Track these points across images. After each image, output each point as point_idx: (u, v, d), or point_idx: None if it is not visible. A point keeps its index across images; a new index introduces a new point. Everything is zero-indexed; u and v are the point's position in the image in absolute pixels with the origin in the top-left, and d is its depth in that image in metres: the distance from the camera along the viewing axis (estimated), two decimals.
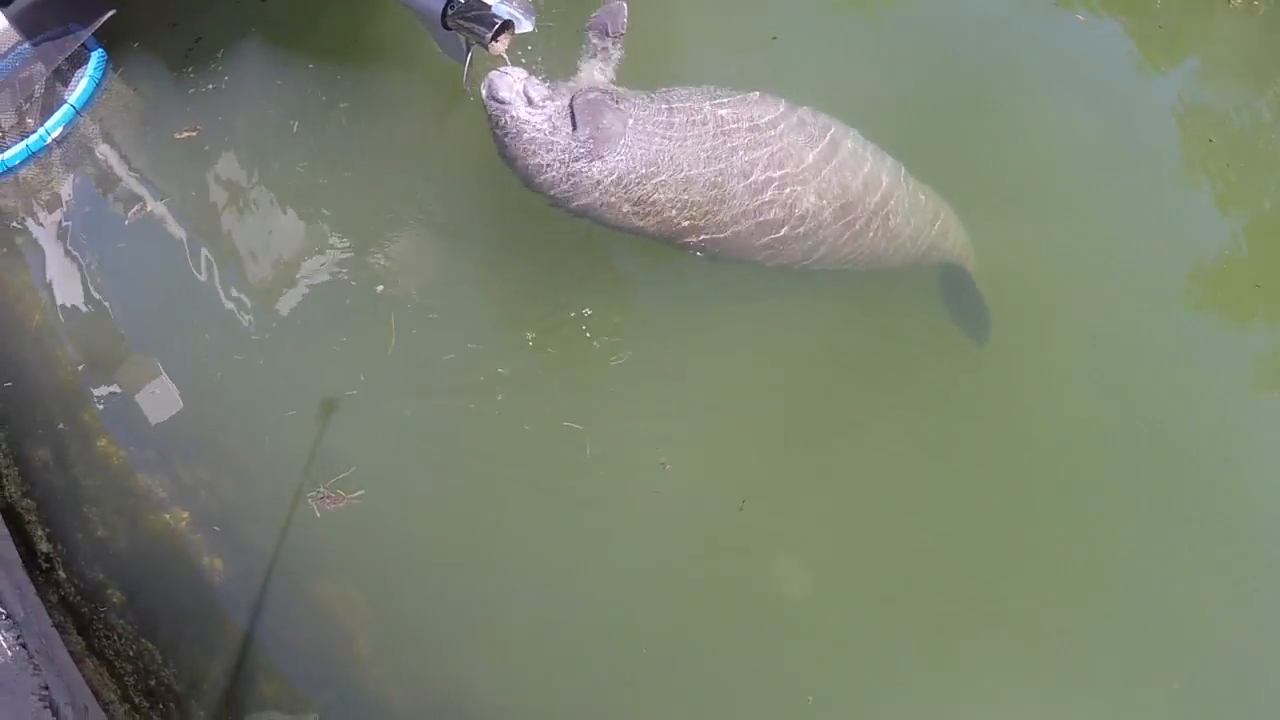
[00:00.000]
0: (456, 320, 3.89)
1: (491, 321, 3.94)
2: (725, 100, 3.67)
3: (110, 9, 4.67)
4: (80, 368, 4.10)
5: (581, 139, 3.53)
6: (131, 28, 4.81)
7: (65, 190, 4.52)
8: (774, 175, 3.54)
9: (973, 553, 3.55)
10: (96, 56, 4.76)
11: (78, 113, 4.60)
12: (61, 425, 4.00)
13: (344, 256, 4.05)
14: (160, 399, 3.95)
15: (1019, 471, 3.66)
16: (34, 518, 3.77)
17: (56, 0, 5.10)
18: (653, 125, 3.58)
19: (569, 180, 3.55)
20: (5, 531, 3.56)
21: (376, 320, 3.87)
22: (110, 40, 4.78)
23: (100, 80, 4.71)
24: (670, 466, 3.56)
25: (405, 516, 3.62)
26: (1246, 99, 4.42)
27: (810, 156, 3.61)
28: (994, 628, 3.44)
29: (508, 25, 3.75)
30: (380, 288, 3.93)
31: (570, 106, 3.62)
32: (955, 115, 4.33)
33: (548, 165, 3.55)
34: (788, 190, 3.55)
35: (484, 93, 3.65)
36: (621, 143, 3.53)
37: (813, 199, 3.58)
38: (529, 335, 3.86)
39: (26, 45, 4.94)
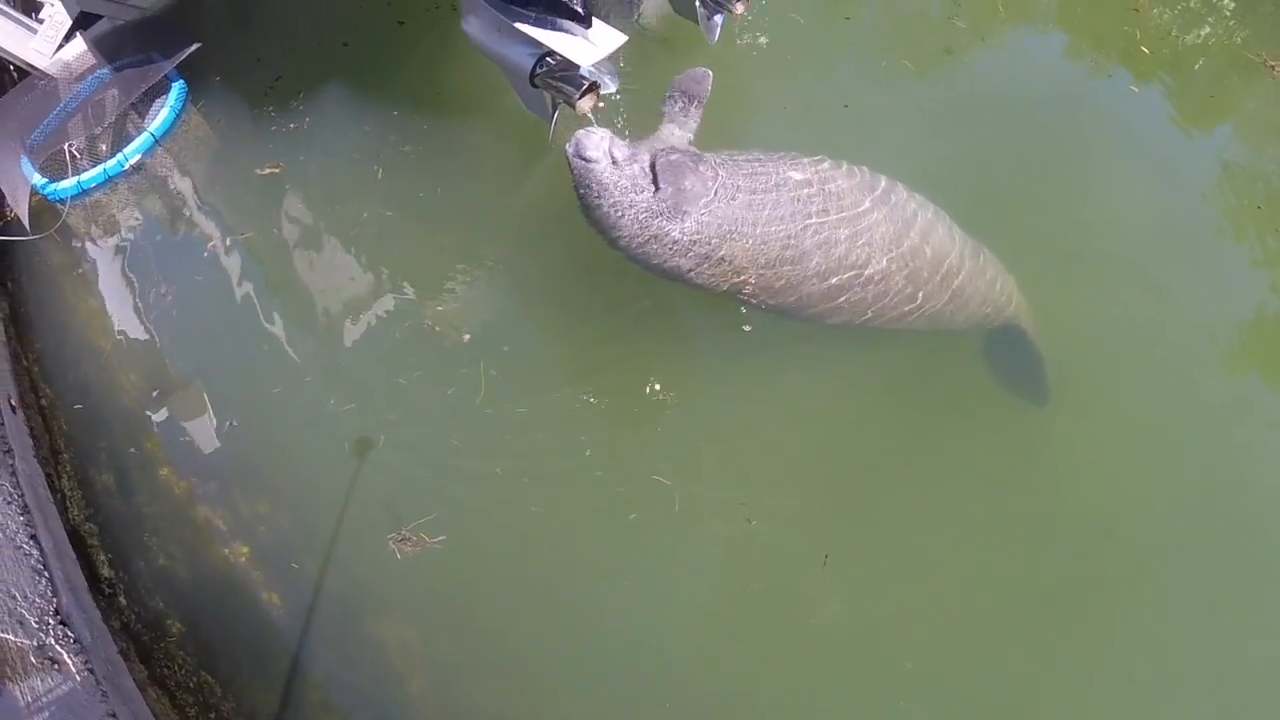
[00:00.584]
0: (536, 371, 4.00)
1: (569, 376, 4.03)
2: (800, 165, 3.83)
3: (194, 42, 4.82)
4: (146, 394, 4.17)
5: (664, 198, 3.66)
6: (212, 61, 4.96)
7: (138, 217, 4.64)
8: (847, 240, 3.69)
9: (1031, 613, 3.63)
10: (177, 87, 4.91)
11: (157, 141, 4.74)
12: (124, 450, 4.08)
13: (422, 302, 4.16)
14: (222, 431, 4.03)
15: (1081, 532, 3.74)
16: (96, 542, 3.84)
17: (138, 27, 5.28)
18: (731, 187, 3.73)
19: (650, 238, 3.68)
20: (72, 555, 3.63)
21: (450, 364, 3.97)
22: (190, 72, 4.93)
23: (180, 111, 4.86)
24: (754, 523, 3.63)
25: (472, 561, 3.68)
26: None
27: (882, 222, 3.77)
28: (1053, 689, 3.50)
29: (594, 86, 3.91)
30: (467, 336, 4.03)
31: (653, 166, 3.77)
32: (1014, 181, 4.54)
33: (630, 223, 3.68)
34: (859, 254, 3.70)
35: (569, 150, 3.78)
36: (702, 203, 3.66)
37: (883, 264, 3.73)
38: (605, 390, 3.95)
39: (105, 70, 5.10)
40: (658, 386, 3.93)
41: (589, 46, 3.74)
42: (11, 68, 5.33)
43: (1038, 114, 4.78)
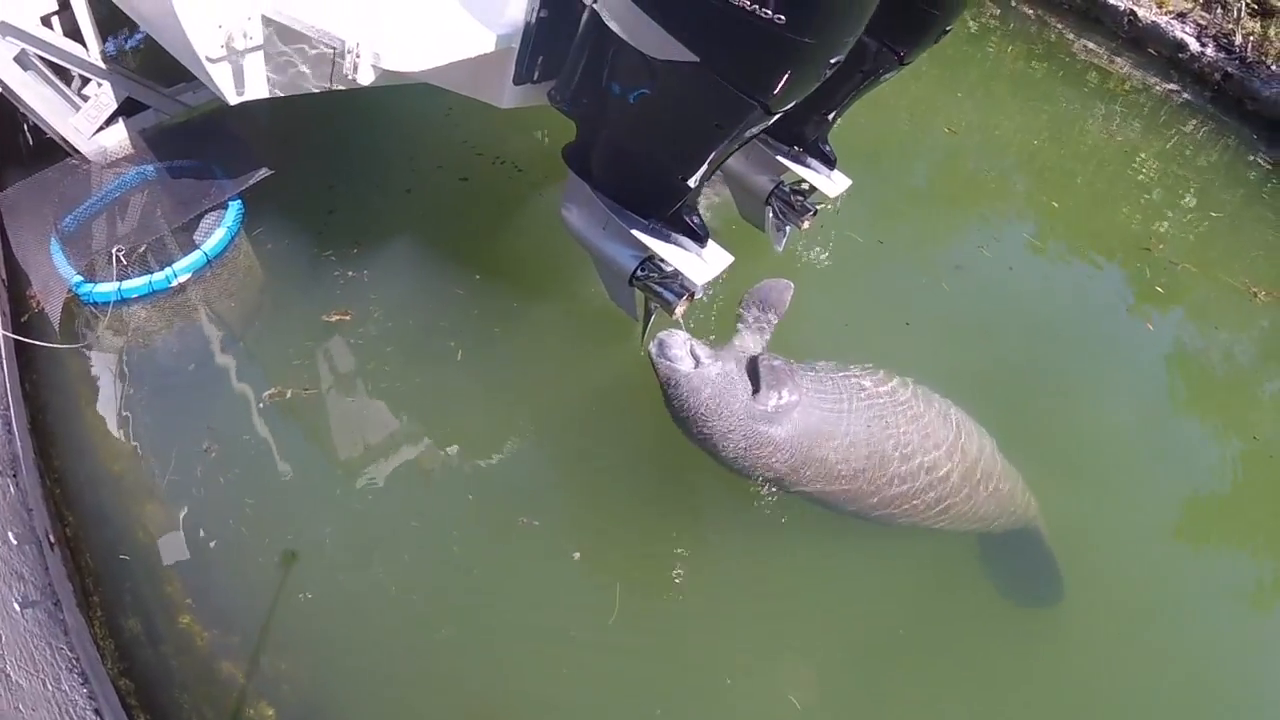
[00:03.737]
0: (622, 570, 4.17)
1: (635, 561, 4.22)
2: (869, 375, 4.31)
3: (264, 167, 4.94)
4: (165, 532, 4.13)
5: (765, 402, 4.03)
6: (270, 185, 5.06)
7: (179, 342, 4.64)
8: (917, 444, 4.14)
9: None
10: (234, 207, 4.98)
11: (209, 262, 4.78)
12: (147, 594, 4.02)
13: (513, 499, 4.26)
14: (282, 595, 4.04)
15: None
16: (135, 701, 3.76)
17: (191, 130, 5.36)
18: (818, 394, 4.16)
19: (745, 439, 4.00)
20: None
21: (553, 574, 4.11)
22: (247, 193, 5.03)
23: (236, 233, 4.92)
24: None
25: None
26: None
27: (940, 428, 4.25)
28: None
29: (691, 293, 4.23)
30: (577, 555, 4.12)
31: (752, 370, 4.16)
32: (1032, 394, 5.09)
33: (726, 424, 3.99)
34: (929, 458, 4.14)
35: (654, 352, 4.10)
36: (797, 411, 4.05)
37: (946, 465, 4.17)
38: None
39: (150, 166, 5.14)
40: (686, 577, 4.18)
41: (703, 264, 4.07)
42: (25, 126, 5.30)
43: (1058, 339, 5.46)
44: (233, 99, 4.20)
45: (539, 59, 4.10)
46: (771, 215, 5.02)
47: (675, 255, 4.07)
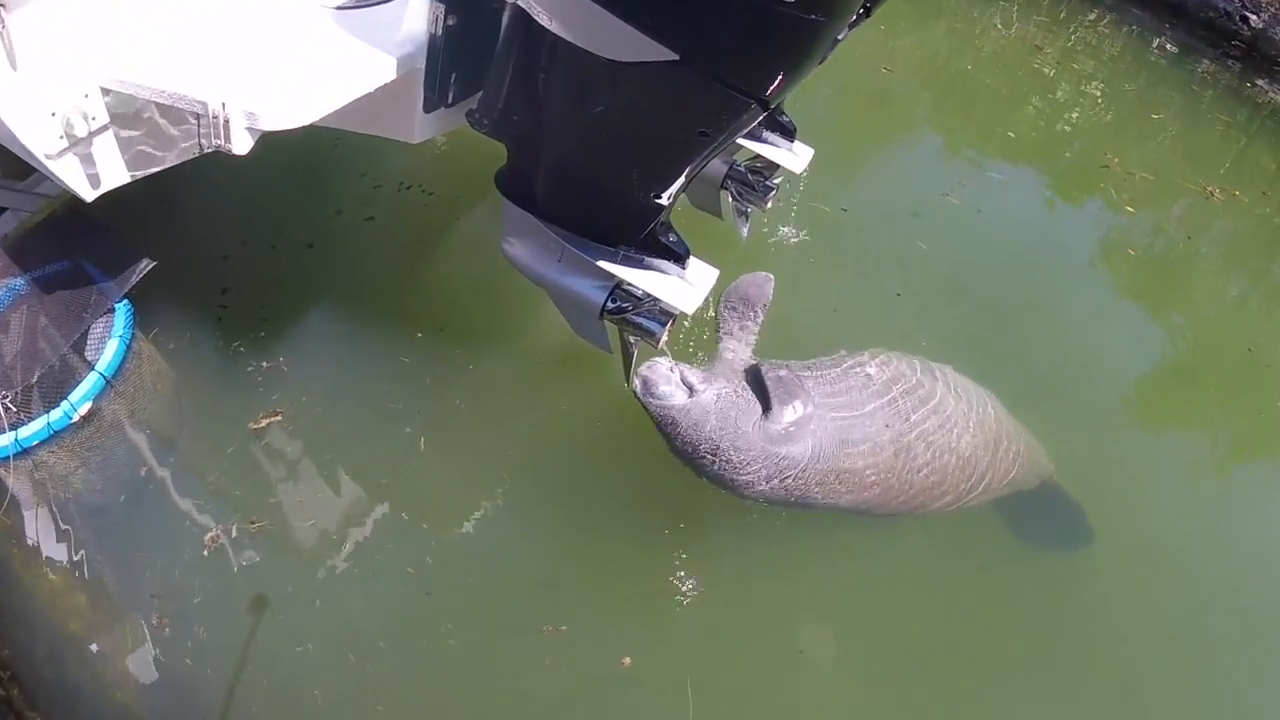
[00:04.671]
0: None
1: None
2: (870, 361, 3.94)
3: (145, 258, 4.29)
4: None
5: (779, 420, 3.61)
6: (153, 270, 4.38)
7: (101, 477, 4.04)
8: (936, 427, 3.81)
9: None
10: (122, 310, 4.31)
11: (109, 383, 4.13)
12: None
13: (513, 592, 3.80)
14: None
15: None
16: None
17: (54, 227, 4.64)
18: (828, 396, 3.76)
19: (766, 466, 3.59)
20: None
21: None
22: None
23: (130, 340, 4.27)
24: None
25: None
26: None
27: (951, 402, 3.92)
28: None
29: (673, 318, 3.74)
30: (627, 660, 3.65)
31: (760, 383, 3.74)
32: (1028, 340, 4.90)
33: (740, 454, 3.58)
34: (951, 438, 3.82)
35: (639, 391, 3.66)
36: (813, 423, 3.64)
37: (968, 441, 3.87)
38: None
39: (20, 280, 4.42)
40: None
41: (688, 287, 3.52)
42: None
43: (1045, 280, 5.26)
44: (89, 195, 3.51)
45: (452, 77, 3.49)
46: (731, 200, 4.53)
47: (655, 283, 3.52)
